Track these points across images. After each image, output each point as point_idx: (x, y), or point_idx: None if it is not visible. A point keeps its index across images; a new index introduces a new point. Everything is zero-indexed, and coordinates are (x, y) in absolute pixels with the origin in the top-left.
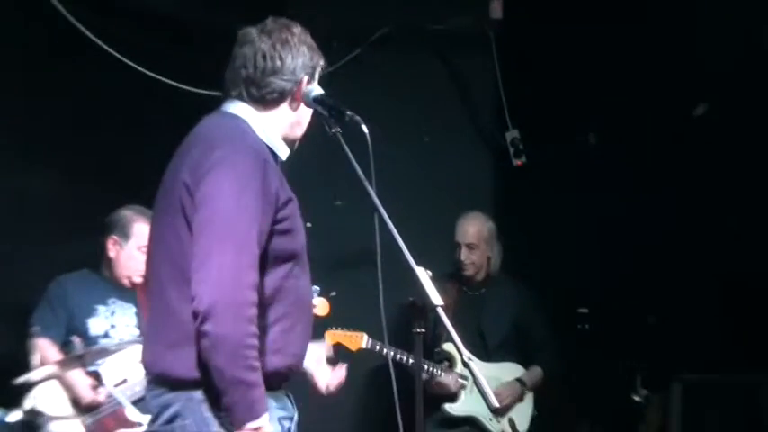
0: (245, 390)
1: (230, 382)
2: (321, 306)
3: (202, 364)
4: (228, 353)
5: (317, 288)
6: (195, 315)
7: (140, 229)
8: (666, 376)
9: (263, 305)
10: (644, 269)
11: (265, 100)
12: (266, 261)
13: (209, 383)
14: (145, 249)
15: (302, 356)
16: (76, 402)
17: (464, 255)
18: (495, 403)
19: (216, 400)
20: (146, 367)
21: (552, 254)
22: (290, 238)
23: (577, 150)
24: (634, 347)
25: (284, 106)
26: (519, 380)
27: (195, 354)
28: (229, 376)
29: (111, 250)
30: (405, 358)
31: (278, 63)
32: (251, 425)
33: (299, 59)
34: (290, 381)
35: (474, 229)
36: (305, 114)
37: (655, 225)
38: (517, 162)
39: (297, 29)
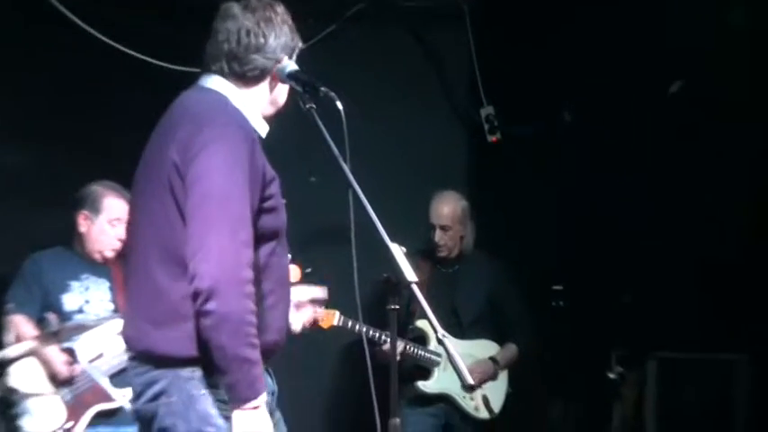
0: (247, 367)
1: (233, 359)
2: (292, 273)
3: (202, 343)
4: (232, 331)
5: (289, 255)
6: (196, 295)
7: (110, 203)
8: (641, 354)
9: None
10: (620, 247)
11: (246, 77)
12: (255, 238)
13: (208, 362)
14: (116, 223)
15: (284, 332)
16: (54, 378)
17: (438, 236)
18: (470, 380)
19: (212, 379)
20: (128, 344)
21: (527, 231)
22: (275, 215)
23: (553, 128)
24: (609, 325)
25: (263, 84)
26: (492, 359)
27: (184, 332)
28: (233, 354)
29: (82, 225)
30: (378, 335)
31: (261, 41)
32: (252, 403)
33: (281, 39)
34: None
35: (448, 209)
36: (281, 93)
37: (631, 203)
38: (492, 138)
39: (280, 8)
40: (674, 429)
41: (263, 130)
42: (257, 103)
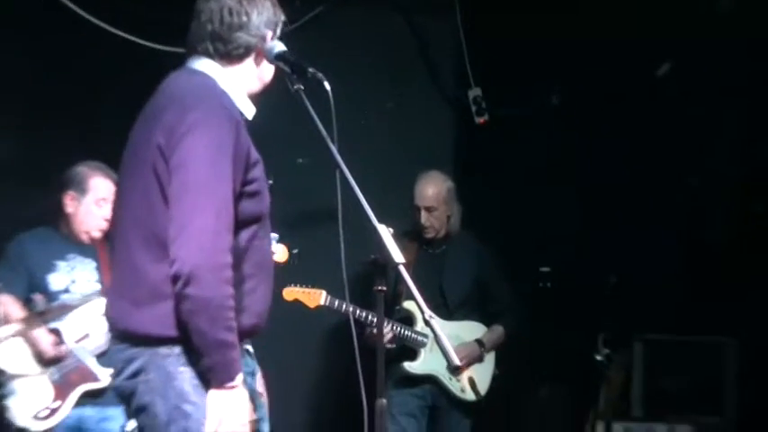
0: (225, 350)
1: (212, 343)
2: (280, 252)
3: (180, 324)
4: (211, 315)
5: (276, 235)
6: (176, 278)
7: (97, 183)
8: (628, 336)
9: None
10: (607, 229)
11: (231, 55)
12: (235, 222)
13: (186, 342)
14: (102, 203)
15: (264, 315)
16: (41, 358)
17: (424, 218)
18: (457, 361)
19: (190, 358)
20: (110, 323)
21: (514, 212)
22: (258, 199)
23: (540, 110)
24: (596, 307)
25: (248, 62)
26: (479, 341)
27: (162, 312)
28: (212, 338)
29: (69, 206)
30: (365, 315)
31: (244, 18)
32: (229, 384)
33: (264, 15)
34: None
35: (433, 190)
36: (267, 70)
37: (617, 184)
38: (480, 120)
39: None
40: (661, 412)
41: (249, 112)
42: (244, 82)
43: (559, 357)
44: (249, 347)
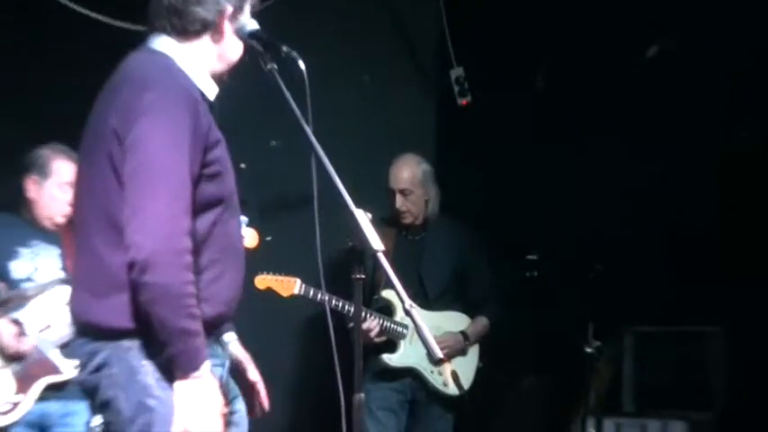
0: (187, 339)
1: (173, 332)
2: (250, 237)
3: (140, 315)
4: (171, 303)
5: (245, 219)
6: (132, 265)
7: (60, 167)
8: (617, 327)
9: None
10: (594, 215)
11: (187, 31)
12: (195, 206)
13: (148, 335)
14: (66, 187)
15: (233, 304)
16: (2, 352)
17: (399, 202)
18: (439, 353)
19: (153, 349)
20: (73, 316)
21: (499, 198)
22: (219, 182)
23: (525, 91)
24: (585, 297)
25: (206, 38)
26: (462, 332)
27: (123, 303)
28: (172, 327)
29: (31, 190)
30: (341, 305)
31: None
32: (194, 374)
33: None
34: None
35: (407, 173)
36: (231, 49)
37: (603, 170)
38: (462, 101)
39: None
40: (651, 404)
41: (211, 91)
42: (204, 60)
43: (546, 350)
44: (232, 335)
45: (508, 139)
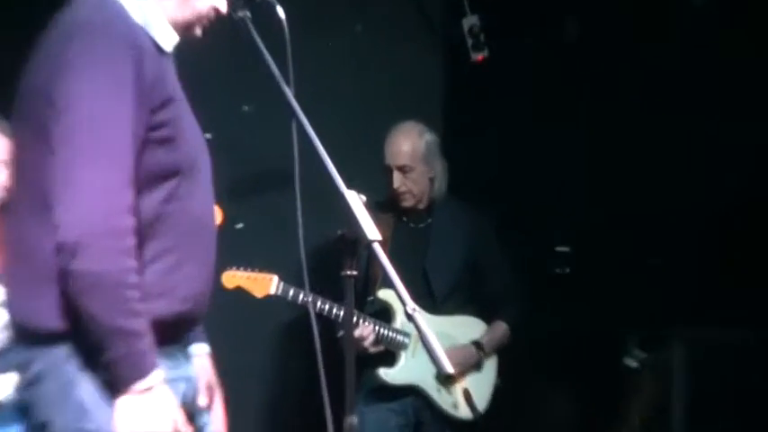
0: (127, 341)
1: (108, 333)
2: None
3: (70, 311)
4: (105, 296)
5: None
6: (59, 249)
7: None
8: (666, 335)
9: (138, 239)
10: (640, 198)
11: None
12: (139, 180)
13: (80, 335)
14: (1, 166)
15: (197, 301)
16: None
17: (398, 181)
18: (449, 369)
19: (90, 356)
20: (10, 317)
21: (520, 175)
22: (171, 148)
23: (553, 43)
24: (627, 298)
25: None
26: (476, 343)
27: (56, 299)
28: (107, 325)
29: None
30: (328, 308)
31: None
32: (139, 385)
33: None
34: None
35: (407, 146)
36: None
37: (652, 138)
38: (477, 57)
39: None
40: (708, 429)
41: (167, 40)
42: (160, 5)
43: (580, 363)
44: (203, 347)
45: (532, 102)
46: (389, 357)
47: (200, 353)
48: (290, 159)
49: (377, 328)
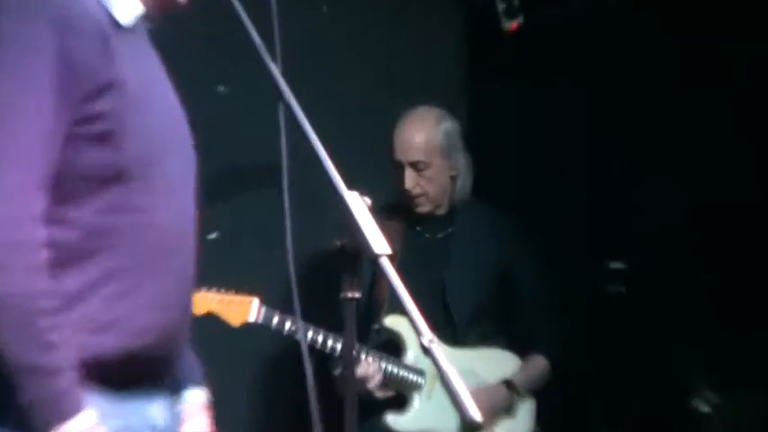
0: (44, 380)
1: (19, 369)
2: None
3: None
4: (11, 325)
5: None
6: None
7: None
8: (743, 374)
9: (74, 257)
10: (707, 201)
11: None
12: (72, 185)
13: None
14: None
15: (160, 335)
16: None
17: (410, 181)
18: (475, 415)
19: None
20: None
21: (562, 173)
22: (112, 146)
23: (596, 8)
24: (696, 327)
25: None
26: (507, 382)
27: None
28: (16, 361)
29: None
30: (323, 339)
31: None
32: (62, 430)
33: None
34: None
35: (420, 137)
36: None
37: (719, 128)
38: (510, 25)
39: None
40: None
41: (123, 12)
42: None
43: (634, 405)
44: (199, 394)
45: (575, 81)
46: (399, 400)
47: (192, 401)
48: (276, 152)
49: (383, 364)
